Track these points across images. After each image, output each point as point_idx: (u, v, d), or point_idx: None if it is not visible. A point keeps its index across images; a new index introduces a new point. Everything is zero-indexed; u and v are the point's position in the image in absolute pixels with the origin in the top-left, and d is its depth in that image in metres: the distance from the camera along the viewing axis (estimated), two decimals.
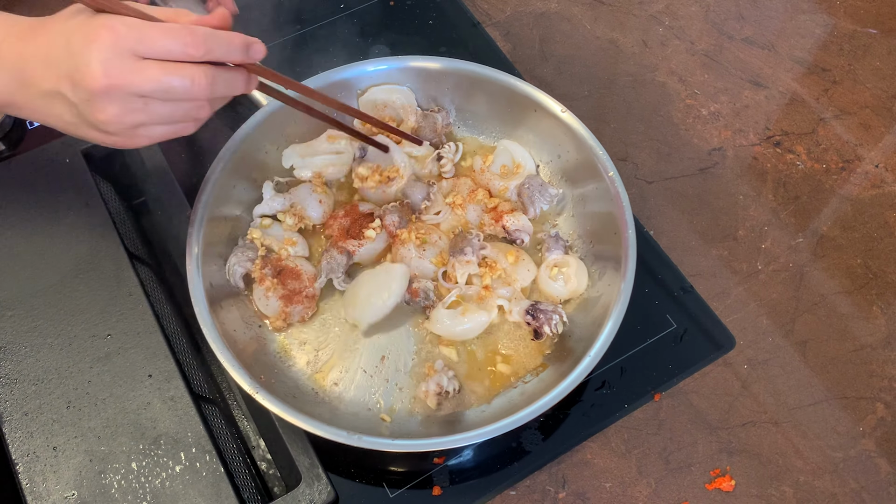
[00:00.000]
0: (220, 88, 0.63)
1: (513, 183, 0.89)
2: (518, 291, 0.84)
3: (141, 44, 0.59)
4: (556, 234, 0.87)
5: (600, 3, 1.13)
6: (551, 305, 0.81)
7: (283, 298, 0.82)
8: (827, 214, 0.96)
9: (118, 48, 0.59)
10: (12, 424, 0.72)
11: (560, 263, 0.84)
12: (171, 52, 0.60)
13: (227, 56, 0.63)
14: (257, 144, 0.88)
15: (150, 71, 0.59)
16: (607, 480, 0.79)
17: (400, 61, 0.93)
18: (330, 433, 0.70)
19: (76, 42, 0.59)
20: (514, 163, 0.91)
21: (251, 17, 1.07)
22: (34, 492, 0.69)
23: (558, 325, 0.80)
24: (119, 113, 0.61)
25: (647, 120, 1.02)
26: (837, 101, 1.05)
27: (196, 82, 0.61)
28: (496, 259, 0.85)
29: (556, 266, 0.84)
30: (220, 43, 0.62)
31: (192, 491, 0.70)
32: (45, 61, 0.61)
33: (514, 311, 0.82)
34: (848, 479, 0.79)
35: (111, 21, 0.59)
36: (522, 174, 0.90)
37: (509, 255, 0.85)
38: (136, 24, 0.59)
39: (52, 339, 0.76)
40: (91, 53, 0.59)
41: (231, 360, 0.73)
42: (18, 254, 0.80)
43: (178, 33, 0.60)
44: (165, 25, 0.60)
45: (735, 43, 1.10)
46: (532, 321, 0.81)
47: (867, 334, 0.87)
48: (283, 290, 0.82)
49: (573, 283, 0.83)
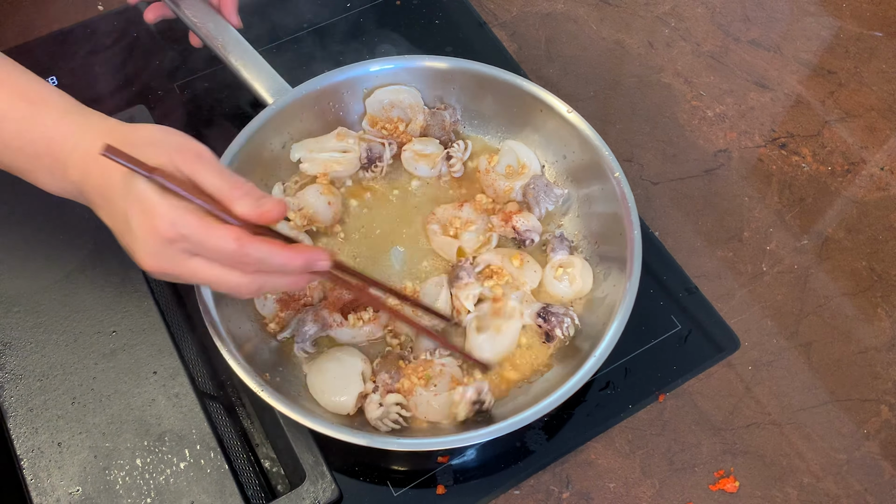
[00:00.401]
0: (271, 289, 0.65)
1: (518, 183, 0.89)
2: (528, 294, 0.83)
3: (194, 248, 0.60)
4: (561, 235, 0.87)
5: (606, 4, 1.13)
6: (562, 308, 0.81)
7: (280, 302, 0.82)
8: (832, 217, 0.96)
9: (171, 247, 0.60)
10: (17, 420, 0.72)
11: (565, 264, 0.84)
12: (221, 261, 0.61)
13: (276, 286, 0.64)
14: (263, 143, 0.88)
15: (196, 268, 0.61)
16: (611, 481, 0.79)
17: (406, 61, 0.93)
18: (334, 431, 0.70)
19: (136, 224, 0.60)
20: (519, 163, 0.91)
21: (258, 15, 1.07)
22: (39, 487, 0.69)
23: (570, 328, 0.80)
24: (167, 277, 0.64)
25: (652, 121, 1.02)
26: (843, 104, 1.05)
27: (240, 286, 0.62)
28: (501, 265, 0.84)
29: (561, 267, 0.84)
30: (274, 261, 0.61)
31: (197, 488, 0.70)
32: (105, 200, 0.63)
33: (526, 314, 0.81)
34: (852, 482, 0.79)
35: (171, 216, 0.58)
36: (528, 174, 0.90)
37: (514, 260, 0.85)
38: (194, 228, 0.59)
39: (57, 336, 0.76)
40: (145, 244, 0.60)
41: (236, 357, 0.72)
42: (24, 250, 0.81)
43: (232, 250, 0.59)
44: (222, 236, 0.59)
45: (741, 45, 1.10)
46: (544, 324, 0.80)
47: (872, 336, 0.87)
48: (282, 293, 0.82)
49: (578, 284, 0.83)
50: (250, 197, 0.61)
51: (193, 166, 0.60)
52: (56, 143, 0.63)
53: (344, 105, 0.93)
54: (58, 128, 0.64)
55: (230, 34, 0.91)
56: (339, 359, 0.79)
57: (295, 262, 0.62)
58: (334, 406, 0.76)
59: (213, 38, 0.91)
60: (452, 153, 0.91)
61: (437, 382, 0.77)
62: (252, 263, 0.61)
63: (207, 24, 0.91)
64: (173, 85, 1.02)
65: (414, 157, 0.91)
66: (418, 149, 0.91)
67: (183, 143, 0.62)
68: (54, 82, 1.00)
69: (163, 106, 1.00)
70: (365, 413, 0.76)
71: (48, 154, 0.64)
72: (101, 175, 0.62)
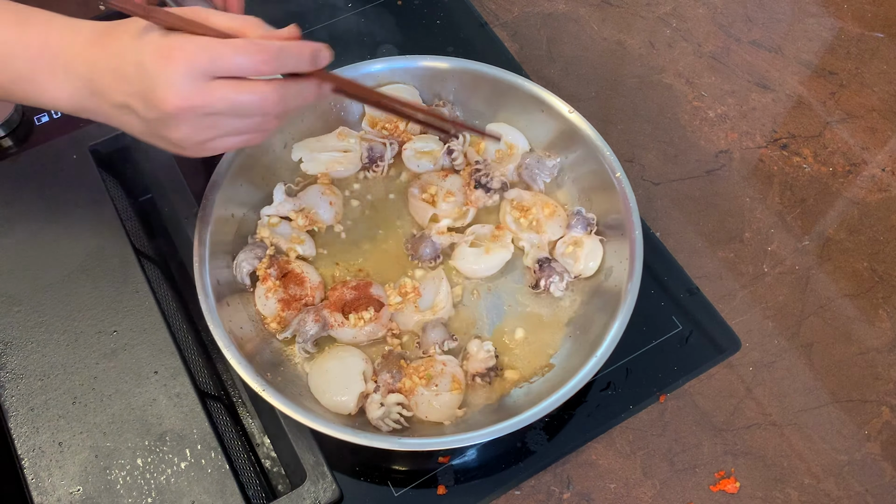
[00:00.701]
0: (291, 101, 0.64)
1: (510, 165, 0.90)
2: (543, 242, 0.86)
3: (214, 64, 0.59)
4: (580, 212, 0.87)
5: (608, 4, 1.13)
6: (563, 268, 0.83)
7: (281, 302, 0.82)
8: (833, 217, 0.96)
9: (191, 71, 0.59)
10: (18, 419, 0.72)
11: (577, 242, 0.85)
12: (243, 70, 0.60)
13: (297, 68, 0.63)
14: (265, 143, 0.88)
15: (222, 90, 0.60)
16: (612, 481, 0.79)
17: (408, 61, 0.93)
18: (336, 431, 0.70)
19: (149, 62, 0.59)
20: (507, 144, 0.92)
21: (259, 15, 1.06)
22: (40, 487, 0.69)
23: (557, 287, 0.82)
24: (191, 132, 0.62)
25: (653, 121, 1.02)
26: (844, 105, 1.05)
27: (268, 98, 0.62)
28: (531, 205, 0.87)
29: (573, 244, 0.85)
30: (291, 56, 0.62)
31: (198, 488, 0.70)
32: (116, 75, 0.61)
33: (530, 256, 0.85)
34: (853, 483, 0.79)
35: (184, 42, 0.59)
36: (517, 154, 0.91)
37: (546, 208, 0.87)
38: (208, 44, 0.59)
39: (58, 335, 0.76)
40: (164, 76, 0.59)
41: (237, 357, 0.73)
42: (25, 249, 0.81)
43: (250, 50, 0.60)
44: (237, 43, 0.60)
45: (742, 45, 1.10)
46: (538, 270, 0.83)
47: (873, 337, 0.87)
48: (283, 293, 0.82)
49: (580, 265, 0.84)
50: (262, 27, 0.62)
51: (200, 12, 0.61)
52: (53, 39, 0.63)
53: (345, 105, 0.93)
54: (49, 31, 0.63)
55: None
56: (341, 358, 0.79)
57: (305, 48, 0.63)
58: (336, 406, 0.76)
59: None
60: (454, 147, 0.91)
61: (438, 382, 0.77)
62: (270, 60, 0.60)
63: None
64: None
65: (415, 154, 0.92)
66: (419, 147, 0.92)
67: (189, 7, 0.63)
68: None
69: None
70: (366, 413, 0.76)
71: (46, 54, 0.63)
72: (109, 51, 0.61)
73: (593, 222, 0.86)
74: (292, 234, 0.86)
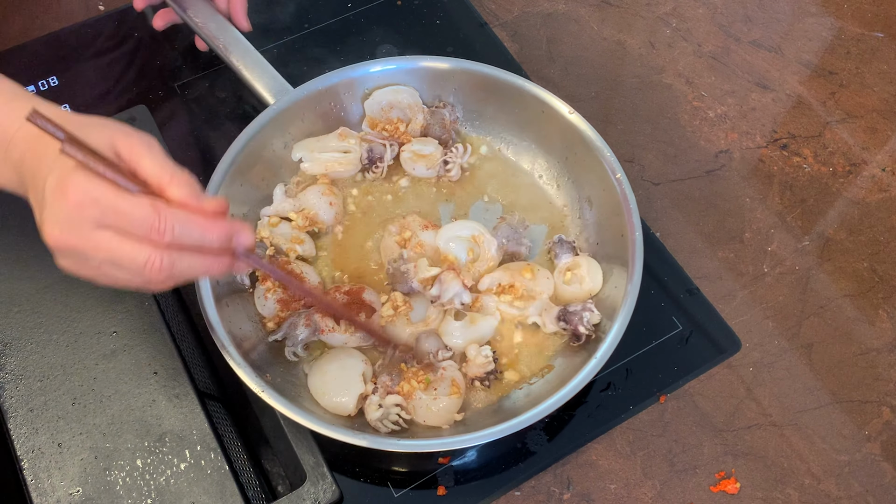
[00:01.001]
0: (183, 271, 0.59)
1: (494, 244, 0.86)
2: (548, 302, 0.83)
3: (104, 215, 0.55)
4: (561, 239, 0.86)
5: (608, 4, 1.13)
6: (579, 305, 0.80)
7: (280, 302, 0.82)
8: (833, 218, 0.96)
9: (79, 214, 0.55)
10: (17, 420, 0.72)
11: (571, 266, 0.84)
12: (133, 229, 0.56)
13: (200, 245, 0.59)
14: (264, 143, 0.87)
15: (103, 241, 0.56)
16: (612, 482, 0.79)
17: (407, 61, 0.93)
18: (335, 432, 0.70)
19: (49, 188, 0.56)
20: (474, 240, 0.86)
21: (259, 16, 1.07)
22: (39, 488, 0.69)
23: (591, 320, 0.79)
24: (73, 267, 0.59)
25: (653, 121, 1.02)
26: (844, 105, 1.04)
27: (150, 264, 0.57)
28: (512, 281, 0.83)
29: (568, 270, 0.84)
30: (192, 232, 0.57)
31: (197, 489, 0.70)
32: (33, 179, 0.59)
33: (548, 322, 0.81)
34: (853, 483, 0.79)
35: (85, 184, 0.55)
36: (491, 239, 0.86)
37: (525, 273, 0.84)
38: (106, 194, 0.55)
39: (57, 336, 0.76)
40: (53, 209, 0.56)
41: (237, 358, 0.72)
42: (24, 249, 0.80)
43: (145, 215, 0.55)
44: (137, 202, 0.56)
45: (742, 45, 1.10)
46: (567, 326, 0.80)
47: (873, 338, 0.87)
48: (283, 293, 0.82)
49: (588, 283, 0.82)
50: (191, 188, 0.58)
51: (136, 151, 0.58)
52: (2, 125, 0.61)
53: (345, 105, 0.93)
54: (4, 111, 0.61)
55: (231, 34, 0.91)
56: (341, 360, 0.78)
57: (215, 232, 0.58)
58: (335, 407, 0.76)
59: (214, 38, 0.91)
60: (449, 159, 0.91)
61: (437, 387, 0.76)
62: (166, 232, 0.56)
63: (209, 25, 0.91)
64: (174, 85, 1.02)
65: (412, 157, 0.91)
66: (417, 149, 0.91)
67: (131, 131, 0.59)
68: (55, 82, 1.00)
69: (164, 106, 1.00)
70: (365, 414, 0.76)
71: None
72: (36, 153, 0.59)
73: (574, 244, 0.86)
74: (292, 235, 0.86)
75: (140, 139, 0.59)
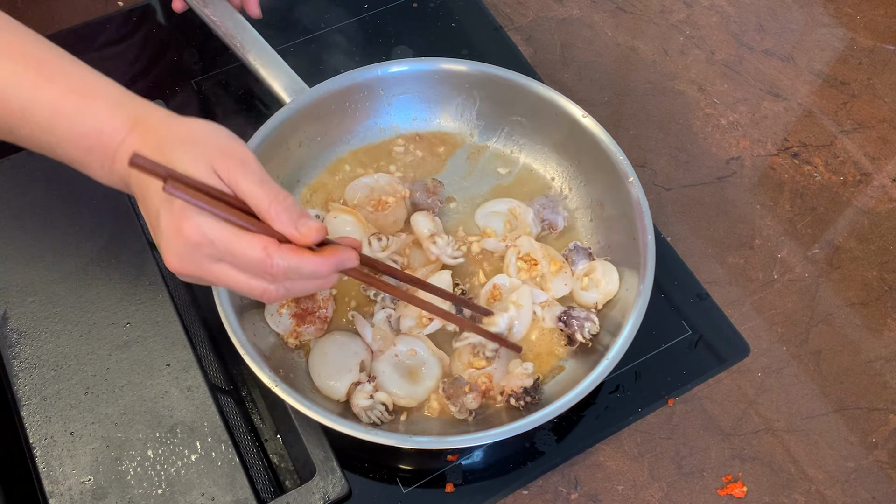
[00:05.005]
0: (297, 293, 0.65)
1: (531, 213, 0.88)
2: (552, 299, 0.83)
3: (220, 254, 0.59)
4: (576, 246, 0.86)
5: (622, 10, 1.14)
6: (584, 312, 0.81)
7: (295, 317, 0.81)
8: (843, 226, 0.96)
9: (197, 251, 0.59)
10: (31, 408, 0.73)
11: (588, 272, 0.84)
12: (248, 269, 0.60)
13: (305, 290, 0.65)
14: (280, 141, 0.88)
15: (222, 274, 0.61)
16: (619, 483, 0.79)
17: (422, 63, 0.93)
18: (346, 427, 0.70)
19: (163, 221, 0.59)
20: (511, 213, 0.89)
21: (277, 15, 1.08)
22: (51, 476, 0.70)
23: (591, 330, 0.80)
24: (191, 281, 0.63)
25: (665, 127, 1.03)
26: (855, 115, 1.05)
27: (266, 293, 0.62)
28: (540, 260, 0.84)
29: (585, 275, 0.84)
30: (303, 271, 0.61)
31: (207, 480, 0.70)
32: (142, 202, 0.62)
33: (547, 317, 0.82)
34: (859, 490, 0.79)
35: (199, 226, 0.58)
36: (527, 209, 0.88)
37: (553, 264, 0.84)
38: (221, 235, 0.59)
39: (71, 326, 0.77)
40: (170, 242, 0.59)
41: (251, 353, 0.73)
42: (40, 241, 0.81)
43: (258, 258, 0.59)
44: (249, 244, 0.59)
45: (755, 54, 1.10)
46: (565, 328, 0.81)
47: (881, 346, 0.87)
48: (295, 307, 0.81)
49: (604, 286, 0.83)
50: (290, 214, 0.60)
51: (234, 172, 0.59)
52: (106, 136, 0.62)
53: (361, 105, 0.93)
54: (108, 121, 0.62)
55: (249, 33, 0.92)
56: (342, 343, 0.79)
57: (325, 267, 0.62)
58: (328, 390, 0.77)
59: (232, 36, 0.91)
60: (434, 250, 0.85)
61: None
62: (278, 274, 0.60)
63: (227, 23, 0.92)
64: (190, 81, 1.02)
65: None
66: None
67: (227, 147, 0.61)
68: None
69: (180, 102, 1.01)
70: (350, 399, 0.76)
71: (99, 147, 0.63)
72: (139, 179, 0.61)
73: (590, 250, 0.86)
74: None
75: (235, 159, 0.60)
